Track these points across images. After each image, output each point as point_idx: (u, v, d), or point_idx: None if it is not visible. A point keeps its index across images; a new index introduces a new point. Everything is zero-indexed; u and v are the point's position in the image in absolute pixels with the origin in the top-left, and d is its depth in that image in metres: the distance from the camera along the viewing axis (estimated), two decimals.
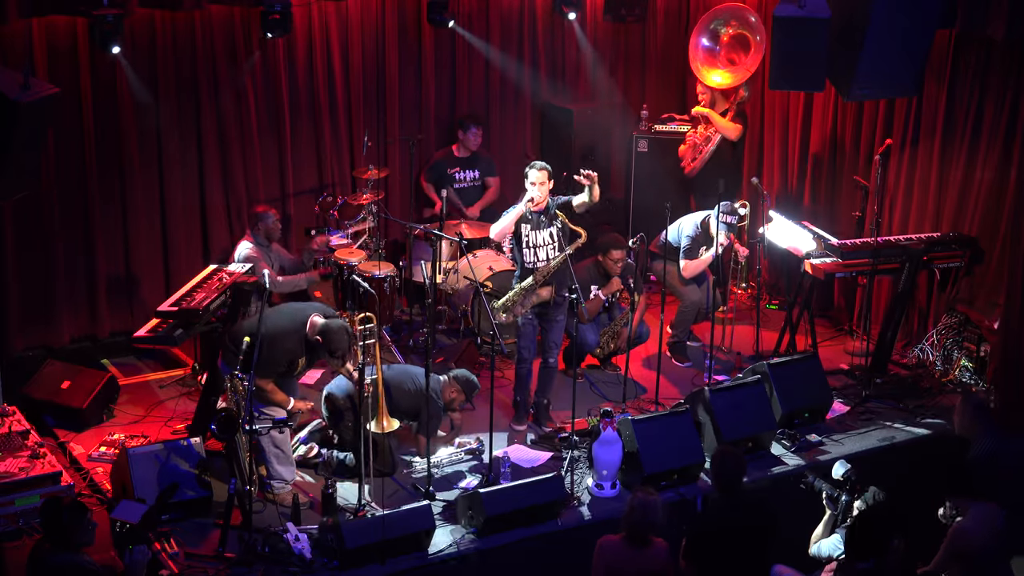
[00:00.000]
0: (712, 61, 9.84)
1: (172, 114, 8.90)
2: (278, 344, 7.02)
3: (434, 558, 6.64)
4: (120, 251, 8.95)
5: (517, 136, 10.68)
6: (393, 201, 10.05)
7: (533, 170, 7.76)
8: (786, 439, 7.87)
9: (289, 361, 7.16)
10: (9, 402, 7.69)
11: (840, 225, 9.48)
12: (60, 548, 5.64)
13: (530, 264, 7.86)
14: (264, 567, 6.44)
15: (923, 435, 8.02)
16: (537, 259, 7.84)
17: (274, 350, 7.00)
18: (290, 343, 7.10)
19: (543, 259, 7.83)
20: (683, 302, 9.00)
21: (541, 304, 7.88)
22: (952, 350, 8.75)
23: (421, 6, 9.74)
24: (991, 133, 8.54)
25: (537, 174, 7.74)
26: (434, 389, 7.39)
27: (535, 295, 7.84)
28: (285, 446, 7.15)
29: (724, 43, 9.81)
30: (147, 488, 6.67)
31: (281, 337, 7.05)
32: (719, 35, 9.81)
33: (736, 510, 6.17)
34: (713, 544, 6.07)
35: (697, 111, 9.99)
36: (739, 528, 6.11)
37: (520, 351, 8.05)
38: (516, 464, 7.53)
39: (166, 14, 8.64)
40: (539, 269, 7.83)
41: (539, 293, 7.85)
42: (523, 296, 7.86)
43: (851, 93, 7.98)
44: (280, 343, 7.04)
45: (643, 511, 5.94)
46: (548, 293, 7.85)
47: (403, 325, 9.48)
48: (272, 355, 6.99)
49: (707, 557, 6.07)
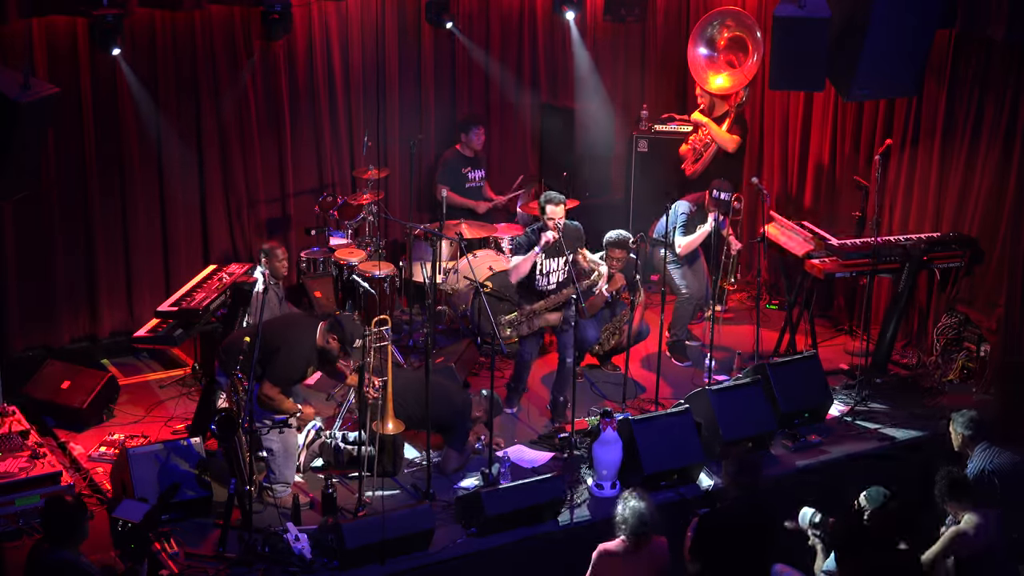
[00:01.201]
0: (713, 67, 9.79)
1: (172, 114, 8.91)
2: (296, 351, 7.02)
3: (434, 558, 6.64)
4: (120, 251, 8.95)
5: (517, 136, 10.67)
6: (393, 201, 10.05)
7: (551, 204, 7.64)
8: (786, 439, 7.87)
9: (306, 368, 7.16)
10: (9, 402, 7.69)
11: (840, 225, 9.47)
12: (59, 547, 5.64)
13: (540, 288, 7.86)
14: (264, 567, 6.44)
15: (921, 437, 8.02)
16: (548, 283, 7.84)
17: (293, 357, 7.00)
18: (308, 350, 7.09)
19: (554, 283, 7.83)
20: (678, 297, 9.00)
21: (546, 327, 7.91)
22: (952, 350, 8.75)
23: (421, 6, 9.74)
24: (991, 133, 8.53)
25: (555, 208, 7.63)
26: (466, 403, 7.49)
27: (542, 320, 7.85)
28: (294, 450, 7.15)
29: (721, 47, 9.80)
30: (147, 488, 6.67)
31: (300, 345, 7.04)
32: (715, 41, 9.78)
33: (743, 508, 6.17)
34: (719, 541, 6.08)
35: (696, 119, 9.94)
36: (745, 526, 6.11)
37: (521, 354, 8.09)
38: (516, 464, 7.53)
39: (166, 14, 8.64)
40: (549, 297, 7.82)
41: (546, 318, 7.85)
42: (530, 318, 7.86)
43: (851, 93, 7.98)
44: (299, 350, 7.03)
45: (639, 521, 5.96)
46: (556, 319, 7.85)
47: (403, 325, 9.48)
48: (292, 362, 7.00)
49: (713, 554, 6.07)
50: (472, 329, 9.01)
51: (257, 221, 9.50)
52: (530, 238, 7.76)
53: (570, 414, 7.83)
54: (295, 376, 7.13)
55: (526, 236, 7.83)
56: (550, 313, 7.87)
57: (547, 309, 7.87)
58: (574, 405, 7.86)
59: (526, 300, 7.93)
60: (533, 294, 7.90)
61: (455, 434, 7.47)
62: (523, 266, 7.74)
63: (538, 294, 7.88)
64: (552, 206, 7.65)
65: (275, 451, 7.02)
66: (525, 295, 7.94)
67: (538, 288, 7.87)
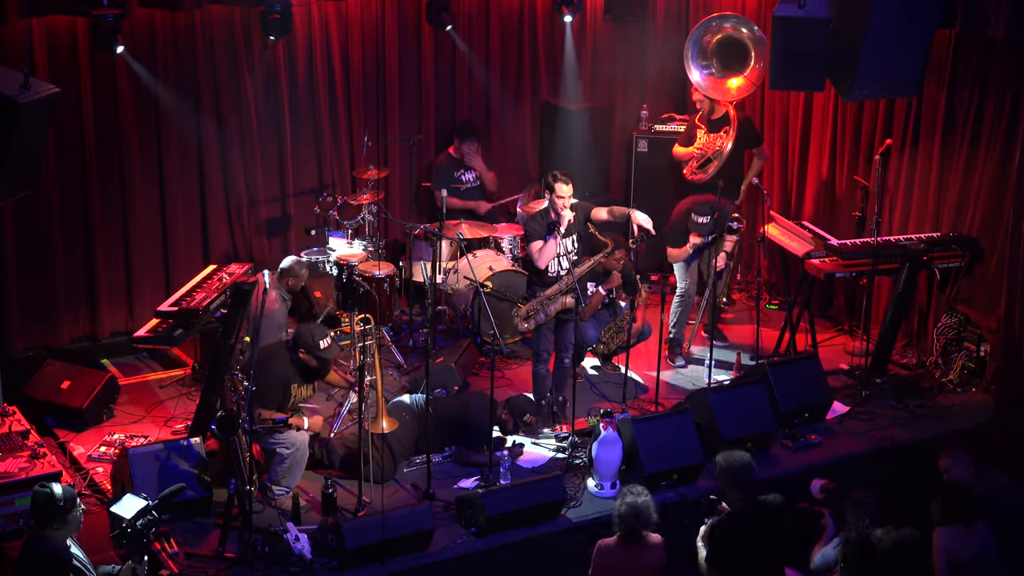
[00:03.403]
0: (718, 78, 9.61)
1: (172, 114, 8.90)
2: (269, 379, 7.03)
3: (434, 558, 6.64)
4: (120, 251, 8.95)
5: (517, 136, 10.67)
6: (393, 201, 10.05)
7: (560, 183, 7.56)
8: (786, 439, 7.87)
9: (284, 386, 7.14)
10: (9, 402, 7.68)
11: (840, 225, 9.47)
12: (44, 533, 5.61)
13: (553, 273, 7.79)
14: (264, 567, 6.44)
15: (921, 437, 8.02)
16: (560, 267, 7.78)
17: (270, 383, 7.03)
18: (280, 372, 7.10)
19: (565, 267, 7.75)
20: (677, 291, 9.01)
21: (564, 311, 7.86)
22: (952, 350, 8.75)
23: (421, 6, 9.74)
24: (991, 133, 8.53)
25: (566, 188, 7.56)
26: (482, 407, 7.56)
27: (559, 303, 7.81)
28: (303, 461, 7.16)
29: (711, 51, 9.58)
30: (147, 488, 6.65)
31: (268, 372, 7.04)
32: (706, 49, 9.58)
33: (752, 513, 6.15)
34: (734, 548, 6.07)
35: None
36: (757, 531, 6.11)
37: (539, 352, 7.98)
38: (516, 464, 7.53)
39: (166, 14, 8.64)
40: (563, 278, 7.77)
41: (563, 301, 7.80)
42: (545, 304, 7.83)
43: (851, 93, 7.97)
44: (269, 378, 7.04)
45: (633, 515, 5.96)
46: (572, 300, 7.81)
47: (403, 325, 9.48)
48: (271, 387, 7.03)
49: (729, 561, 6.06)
50: (472, 329, 9.01)
51: (257, 221, 9.50)
52: (540, 223, 7.69)
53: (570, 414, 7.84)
54: (278, 398, 7.11)
55: (536, 222, 7.73)
56: (565, 295, 7.79)
57: (562, 292, 7.79)
58: (574, 405, 7.86)
59: (539, 287, 7.85)
60: (544, 280, 7.84)
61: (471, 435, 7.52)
62: (548, 250, 7.62)
63: (550, 279, 7.81)
64: (561, 184, 7.55)
65: (285, 458, 7.04)
66: (537, 282, 7.88)
67: (550, 273, 7.79)
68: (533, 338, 8.04)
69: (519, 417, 7.79)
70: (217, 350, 7.50)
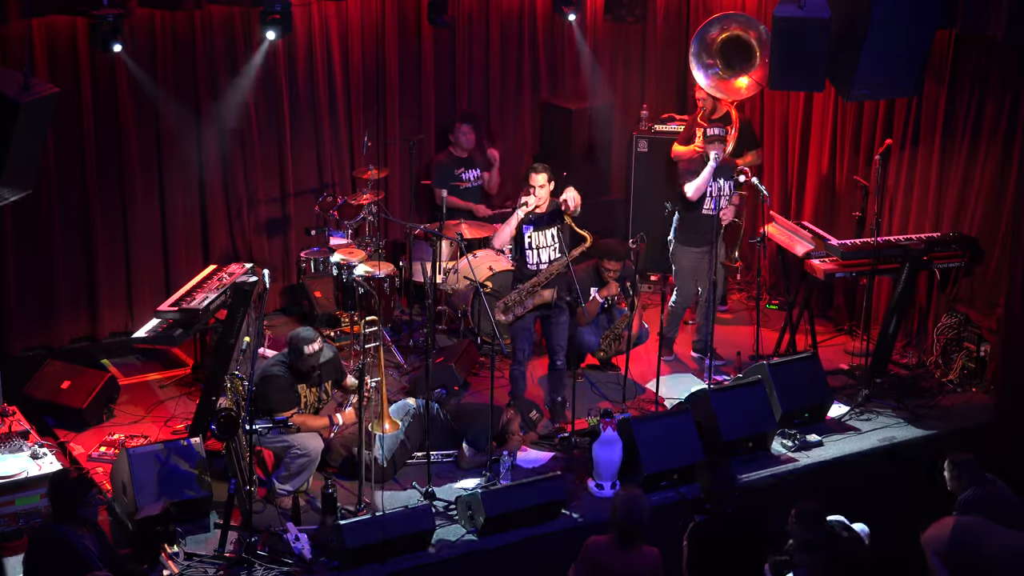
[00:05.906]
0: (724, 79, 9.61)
1: (172, 114, 8.90)
2: (268, 392, 7.03)
3: (434, 558, 6.64)
4: (120, 251, 8.95)
5: (517, 136, 10.67)
6: (393, 201, 10.05)
7: (533, 173, 7.74)
8: (786, 439, 7.87)
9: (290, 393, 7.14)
10: (9, 402, 7.69)
11: (840, 225, 9.47)
12: (58, 521, 5.61)
13: (532, 266, 7.83)
14: (264, 567, 6.44)
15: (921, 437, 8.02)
16: (540, 260, 7.81)
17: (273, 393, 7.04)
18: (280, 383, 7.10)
19: (545, 260, 7.80)
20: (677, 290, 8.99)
21: (542, 306, 7.87)
22: (952, 350, 8.75)
23: (421, 6, 9.73)
24: (991, 133, 8.53)
25: (538, 177, 7.71)
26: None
27: (537, 296, 7.83)
28: (313, 467, 7.16)
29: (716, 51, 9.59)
30: (147, 488, 6.67)
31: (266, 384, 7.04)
32: (710, 48, 9.59)
33: (730, 519, 6.16)
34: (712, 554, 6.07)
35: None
36: (735, 537, 6.12)
37: (515, 352, 8.02)
38: (516, 464, 7.53)
39: (166, 14, 8.64)
40: (541, 271, 7.81)
41: (541, 294, 7.83)
42: (524, 297, 7.84)
43: (851, 93, 7.98)
44: (269, 389, 7.04)
45: (627, 509, 5.93)
46: (550, 295, 7.82)
47: (403, 325, 9.48)
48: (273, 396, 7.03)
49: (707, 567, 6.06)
50: (472, 329, 9.01)
51: (257, 221, 9.50)
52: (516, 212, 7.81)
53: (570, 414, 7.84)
54: (288, 405, 7.10)
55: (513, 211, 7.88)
56: (544, 289, 7.83)
57: (540, 285, 7.82)
58: (574, 405, 7.86)
59: (521, 282, 7.90)
60: (526, 274, 7.87)
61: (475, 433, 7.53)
62: (504, 231, 7.78)
63: (531, 273, 7.85)
64: (534, 173, 7.70)
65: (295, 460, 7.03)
66: (519, 277, 7.92)
67: (529, 265, 7.83)
68: (512, 340, 8.04)
69: (526, 414, 7.78)
70: (217, 350, 7.50)
